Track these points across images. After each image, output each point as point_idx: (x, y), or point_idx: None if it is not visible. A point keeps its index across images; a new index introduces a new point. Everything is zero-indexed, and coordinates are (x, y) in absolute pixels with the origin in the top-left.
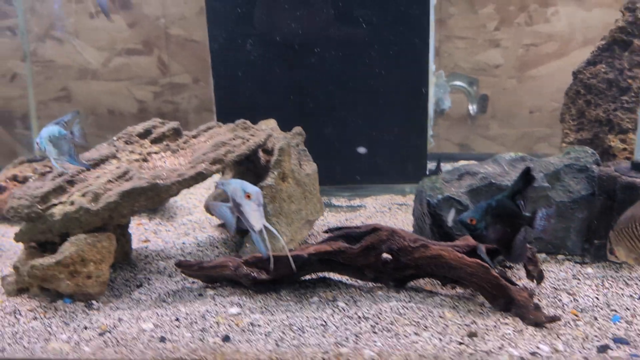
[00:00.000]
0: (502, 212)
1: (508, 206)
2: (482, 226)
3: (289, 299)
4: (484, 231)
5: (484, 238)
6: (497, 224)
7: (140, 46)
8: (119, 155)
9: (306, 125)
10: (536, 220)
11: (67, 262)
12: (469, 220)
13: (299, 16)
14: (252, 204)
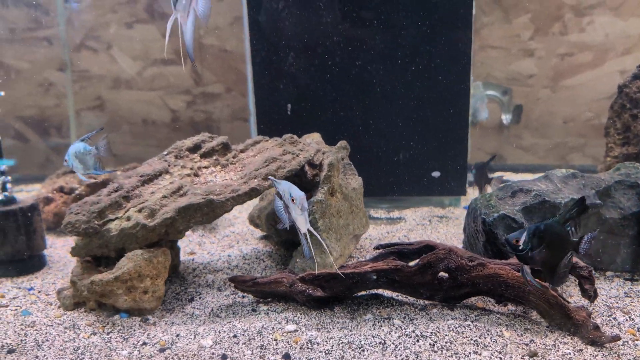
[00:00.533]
0: (551, 236)
1: (557, 231)
2: (528, 247)
3: (343, 315)
4: (530, 252)
5: (528, 259)
6: (544, 247)
7: (174, 56)
8: (171, 170)
9: (345, 136)
10: (581, 245)
11: (125, 277)
12: (514, 241)
13: (340, 30)
14: (297, 208)
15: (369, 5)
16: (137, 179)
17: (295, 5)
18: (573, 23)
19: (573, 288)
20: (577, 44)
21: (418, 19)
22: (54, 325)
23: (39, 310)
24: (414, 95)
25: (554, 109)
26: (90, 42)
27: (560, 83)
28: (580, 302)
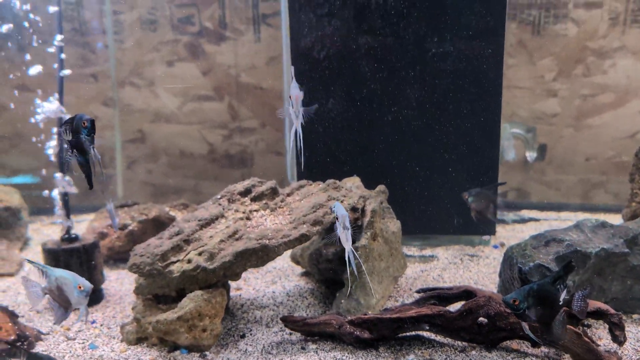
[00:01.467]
0: (543, 295)
1: (548, 290)
2: (524, 307)
3: (387, 355)
4: (527, 311)
5: (525, 317)
6: (537, 305)
7: (212, 92)
8: (226, 214)
9: (380, 177)
10: (573, 302)
11: (187, 317)
12: (511, 301)
13: (378, 78)
14: (339, 226)
15: (405, 56)
16: (196, 223)
17: (335, 57)
18: (595, 65)
19: (602, 331)
20: (599, 85)
21: (451, 67)
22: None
23: (103, 343)
24: (446, 139)
25: (577, 147)
26: (134, 78)
27: (583, 122)
28: (609, 345)
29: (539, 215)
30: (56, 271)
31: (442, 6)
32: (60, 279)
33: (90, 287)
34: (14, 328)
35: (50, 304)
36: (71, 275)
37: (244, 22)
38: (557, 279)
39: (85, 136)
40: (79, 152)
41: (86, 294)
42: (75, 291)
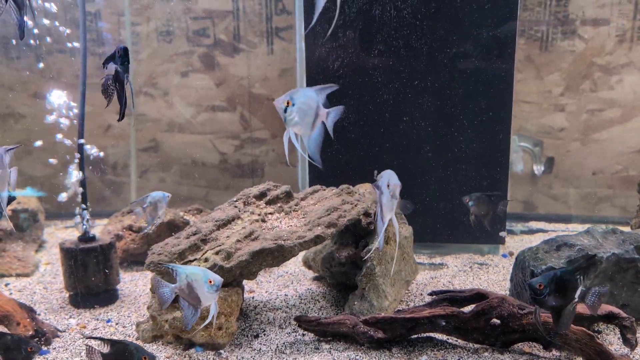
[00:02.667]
0: (563, 283)
1: (570, 279)
2: (546, 292)
3: (400, 356)
4: (546, 297)
5: (544, 303)
6: (556, 292)
7: (225, 103)
8: (242, 216)
9: None
10: (588, 296)
11: (204, 315)
12: (537, 285)
13: (390, 88)
14: (389, 194)
15: (417, 68)
16: (213, 223)
17: (349, 68)
18: (602, 81)
19: (612, 336)
20: (606, 100)
21: (463, 78)
22: None
23: None
24: (457, 149)
25: (584, 161)
26: (149, 88)
27: (589, 137)
28: (620, 350)
29: (546, 226)
30: (187, 269)
31: (454, 18)
32: (190, 276)
33: (220, 281)
34: (32, 324)
35: (181, 304)
36: (201, 271)
37: (258, 34)
38: (578, 269)
39: (119, 65)
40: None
41: (216, 289)
42: (205, 286)
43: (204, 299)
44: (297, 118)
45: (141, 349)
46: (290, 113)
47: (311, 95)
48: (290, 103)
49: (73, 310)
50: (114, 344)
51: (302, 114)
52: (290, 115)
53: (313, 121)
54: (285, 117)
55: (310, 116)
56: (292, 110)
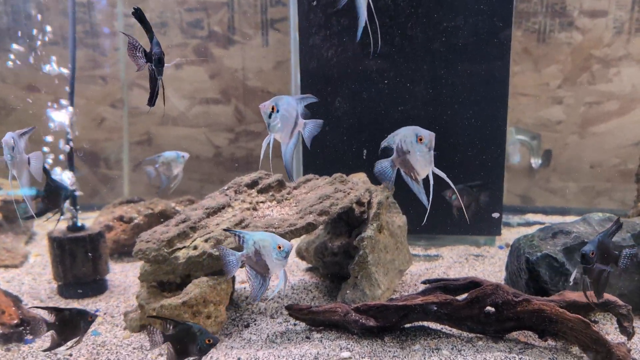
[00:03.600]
0: (604, 248)
1: (608, 245)
2: (594, 259)
3: (393, 345)
4: (595, 265)
5: (591, 271)
6: (599, 260)
7: (219, 96)
8: (233, 204)
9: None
10: (621, 259)
11: (192, 303)
12: (590, 254)
13: (385, 77)
14: (424, 147)
15: (413, 57)
16: (203, 211)
17: (343, 56)
18: (601, 74)
19: (609, 326)
20: (604, 93)
21: (458, 68)
22: (123, 346)
23: (107, 331)
24: (452, 140)
25: (582, 154)
26: (142, 81)
27: (587, 130)
28: (617, 339)
29: (544, 219)
30: (255, 234)
31: (450, 9)
32: (258, 242)
33: (290, 247)
34: (17, 313)
35: (248, 274)
36: (270, 236)
37: (252, 26)
38: (611, 234)
39: (153, 66)
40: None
41: (285, 255)
42: (274, 252)
43: (272, 266)
44: (280, 125)
45: (205, 331)
46: (274, 119)
47: (293, 104)
48: (275, 109)
49: (61, 301)
50: (177, 325)
51: (284, 121)
52: (274, 121)
53: (292, 130)
54: (269, 122)
55: (291, 124)
56: (276, 116)
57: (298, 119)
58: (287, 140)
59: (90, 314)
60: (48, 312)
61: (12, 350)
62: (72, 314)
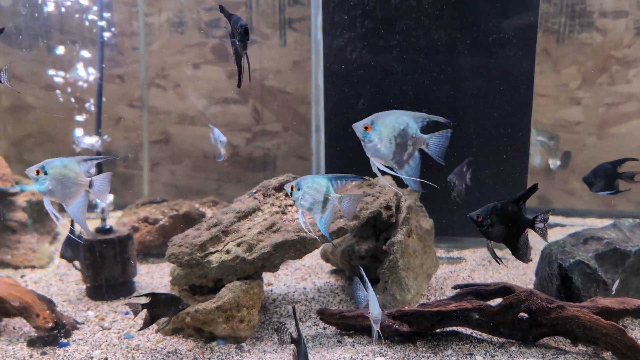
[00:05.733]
0: (506, 214)
1: (512, 210)
2: (488, 224)
3: (425, 350)
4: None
5: (489, 234)
6: (502, 224)
7: (237, 95)
8: (262, 207)
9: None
10: (536, 223)
11: (226, 307)
12: (475, 217)
13: (409, 79)
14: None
15: (436, 59)
16: (234, 215)
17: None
18: (620, 74)
19: (638, 332)
20: (623, 94)
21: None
22: (157, 350)
23: (139, 334)
24: (475, 142)
25: (600, 156)
26: (160, 80)
27: (606, 131)
28: None
29: (564, 221)
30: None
31: (475, 9)
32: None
33: None
34: (51, 316)
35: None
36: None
37: (271, 26)
38: (520, 199)
39: (238, 41)
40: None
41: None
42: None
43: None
44: (305, 202)
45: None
46: (296, 196)
47: (320, 182)
48: (295, 188)
49: (90, 302)
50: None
51: (309, 199)
52: (297, 199)
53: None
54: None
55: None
56: (298, 194)
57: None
58: (318, 216)
59: (182, 302)
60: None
61: (48, 354)
62: (167, 298)
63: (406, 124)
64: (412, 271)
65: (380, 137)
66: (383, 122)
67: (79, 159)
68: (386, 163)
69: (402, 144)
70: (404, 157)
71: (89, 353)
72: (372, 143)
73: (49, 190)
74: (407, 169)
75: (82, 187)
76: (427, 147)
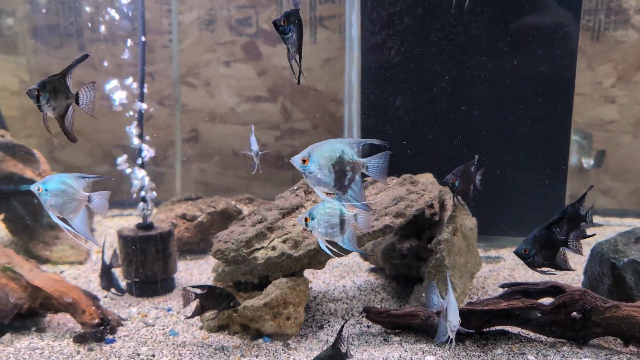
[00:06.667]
0: (544, 240)
1: (547, 235)
2: (532, 254)
3: (474, 349)
4: (534, 258)
5: (535, 264)
6: (542, 250)
7: (266, 94)
8: (305, 204)
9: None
10: (570, 241)
11: (273, 304)
12: (523, 251)
13: (447, 77)
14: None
15: (475, 56)
16: (278, 211)
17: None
18: None
19: None
20: None
21: (523, 67)
22: (204, 347)
23: (183, 330)
24: (514, 139)
25: (634, 155)
26: (190, 78)
27: None
28: None
29: (600, 220)
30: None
31: (515, 6)
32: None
33: None
34: (97, 312)
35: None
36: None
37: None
38: (552, 225)
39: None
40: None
41: None
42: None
43: None
44: (319, 229)
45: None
46: (312, 225)
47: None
48: (308, 219)
49: (131, 299)
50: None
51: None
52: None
53: (340, 226)
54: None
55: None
56: (313, 224)
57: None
58: (340, 238)
59: (235, 300)
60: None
61: (94, 350)
62: (221, 293)
63: (341, 152)
64: (457, 270)
65: (319, 167)
66: (319, 153)
67: (77, 176)
68: (330, 190)
69: (341, 171)
70: (345, 182)
71: (136, 349)
72: (313, 174)
73: (50, 205)
74: (350, 193)
75: (81, 202)
76: (367, 170)
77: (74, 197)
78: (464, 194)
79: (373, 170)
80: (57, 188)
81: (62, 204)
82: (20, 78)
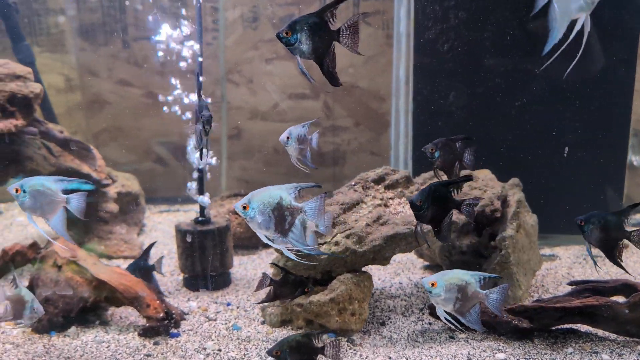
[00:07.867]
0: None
1: (443, 192)
2: (426, 207)
3: (544, 347)
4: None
5: (423, 217)
6: (433, 205)
7: (308, 91)
8: (365, 200)
9: (498, 172)
10: (463, 207)
11: (339, 299)
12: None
13: (502, 71)
14: None
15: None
16: (339, 206)
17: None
18: None
19: None
20: None
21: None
22: (269, 341)
23: (245, 325)
24: (571, 136)
25: None
26: (233, 75)
27: None
28: None
29: None
30: None
31: None
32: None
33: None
34: (162, 306)
35: None
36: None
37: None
38: (451, 184)
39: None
40: None
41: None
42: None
43: None
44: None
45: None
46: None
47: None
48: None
49: (189, 293)
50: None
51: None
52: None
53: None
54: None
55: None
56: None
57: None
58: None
59: (308, 284)
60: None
61: (160, 344)
62: (296, 279)
63: (279, 197)
64: (522, 267)
65: (259, 212)
66: (258, 199)
67: (56, 179)
68: (271, 234)
69: (280, 216)
70: (286, 226)
71: (202, 344)
72: (253, 219)
73: (28, 206)
74: (291, 235)
75: (59, 203)
76: (305, 213)
77: (52, 199)
78: (446, 169)
79: (311, 213)
80: (35, 190)
81: (40, 205)
82: (66, 76)
